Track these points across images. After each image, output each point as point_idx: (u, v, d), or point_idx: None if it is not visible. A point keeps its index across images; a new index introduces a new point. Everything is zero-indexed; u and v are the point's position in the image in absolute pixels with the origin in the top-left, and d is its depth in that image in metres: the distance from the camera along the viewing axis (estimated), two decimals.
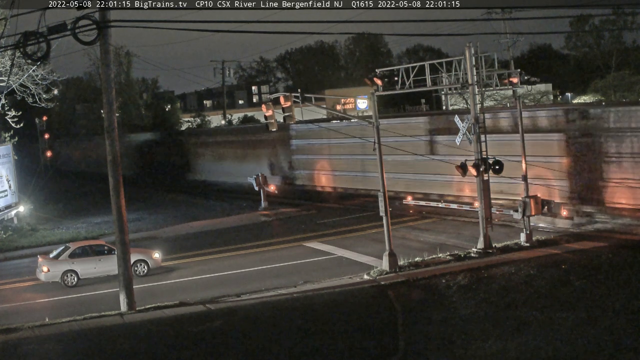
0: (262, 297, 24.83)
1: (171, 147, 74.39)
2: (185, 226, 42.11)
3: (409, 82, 30.00)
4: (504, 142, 33.33)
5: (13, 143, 45.04)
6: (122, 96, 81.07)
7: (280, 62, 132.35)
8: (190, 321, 22.51)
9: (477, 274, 25.71)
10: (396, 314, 22.56)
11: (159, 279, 29.33)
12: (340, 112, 58.05)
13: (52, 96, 43.48)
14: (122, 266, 24.36)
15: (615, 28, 73.00)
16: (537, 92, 64.06)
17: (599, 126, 32.67)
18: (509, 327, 20.33)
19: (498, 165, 28.75)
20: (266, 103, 28.37)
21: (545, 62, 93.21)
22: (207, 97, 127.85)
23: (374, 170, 32.50)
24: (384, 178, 27.86)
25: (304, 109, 30.39)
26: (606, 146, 32.19)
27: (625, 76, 65.05)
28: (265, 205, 44.82)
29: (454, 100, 63.21)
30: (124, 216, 24.36)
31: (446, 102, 63.99)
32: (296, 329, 21.67)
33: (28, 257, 35.07)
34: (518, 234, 29.99)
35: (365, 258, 29.85)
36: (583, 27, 73.98)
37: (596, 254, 26.99)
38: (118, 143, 24.33)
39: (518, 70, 30.48)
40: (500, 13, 62.81)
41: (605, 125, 32.45)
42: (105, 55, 23.89)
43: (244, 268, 30.03)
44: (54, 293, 28.09)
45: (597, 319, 20.28)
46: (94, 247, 30.00)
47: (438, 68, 30.58)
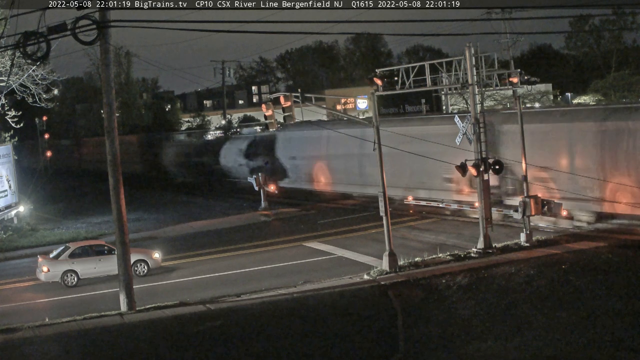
0: (262, 297, 24.82)
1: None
2: (185, 226, 42.10)
3: (409, 82, 30.02)
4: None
5: (13, 143, 45.04)
6: (122, 96, 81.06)
7: (280, 62, 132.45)
8: (190, 321, 22.50)
9: (477, 274, 25.70)
10: (396, 314, 22.57)
11: (159, 279, 29.33)
12: (340, 112, 58.05)
13: (52, 96, 43.46)
14: (122, 266, 24.36)
15: (615, 28, 73.06)
16: (537, 92, 64.10)
17: None
18: (509, 327, 20.35)
19: (498, 165, 28.75)
20: (266, 103, 28.37)
21: (545, 62, 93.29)
22: (207, 97, 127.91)
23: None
24: (383, 178, 27.86)
25: (304, 109, 30.37)
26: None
27: (625, 76, 65.12)
28: (265, 205, 44.81)
29: (454, 100, 63.17)
30: (124, 216, 24.36)
31: (446, 102, 63.88)
32: (296, 328, 21.68)
33: (28, 257, 35.04)
34: (518, 234, 29.99)
35: (365, 258, 29.85)
36: (583, 27, 74.09)
37: (596, 254, 26.99)
38: (118, 143, 24.33)
39: (518, 70, 30.47)
40: (500, 13, 62.77)
41: None
42: (105, 55, 23.89)
43: (244, 268, 30.03)
44: (54, 293, 28.09)
45: (597, 319, 20.29)
46: (94, 247, 30.00)
47: (438, 68, 30.59)
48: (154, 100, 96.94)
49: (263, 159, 52.59)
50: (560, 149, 31.41)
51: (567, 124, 31.65)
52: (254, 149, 54.76)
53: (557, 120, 32.44)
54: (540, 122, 32.90)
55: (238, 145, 57.30)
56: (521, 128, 29.89)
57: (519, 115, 30.03)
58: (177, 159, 67.93)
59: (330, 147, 45.38)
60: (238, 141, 59.12)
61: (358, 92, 77.83)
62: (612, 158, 29.32)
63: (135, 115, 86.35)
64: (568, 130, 31.35)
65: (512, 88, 30.59)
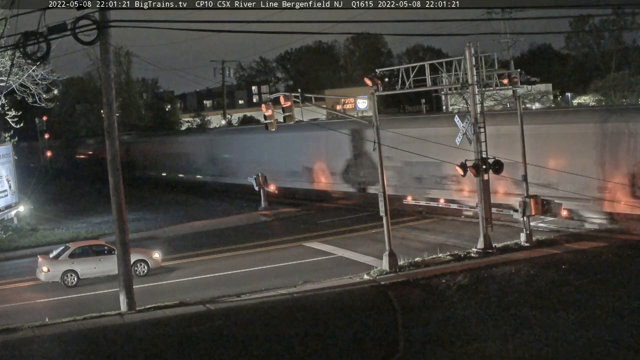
0: (262, 297, 24.82)
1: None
2: (185, 226, 42.11)
3: (409, 82, 29.97)
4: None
5: (13, 143, 45.04)
6: (122, 96, 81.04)
7: (280, 62, 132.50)
8: (190, 321, 22.50)
9: (477, 274, 25.70)
10: (396, 314, 22.56)
11: (159, 279, 29.33)
12: (340, 112, 58.04)
13: (52, 96, 43.41)
14: (122, 266, 24.36)
15: (615, 28, 73.06)
16: (537, 92, 64.12)
17: None
18: (509, 327, 20.33)
19: (498, 165, 28.73)
20: (266, 103, 28.37)
21: (545, 62, 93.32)
22: (207, 97, 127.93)
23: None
24: (384, 178, 27.88)
25: (304, 109, 30.34)
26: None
27: (625, 76, 65.13)
28: (265, 205, 44.81)
29: (454, 100, 63.21)
30: (124, 216, 24.36)
31: (446, 102, 63.97)
32: (296, 328, 21.67)
33: (28, 257, 35.03)
34: (518, 234, 29.99)
35: (365, 258, 29.85)
36: (583, 27, 74.08)
37: (596, 254, 26.99)
38: (118, 143, 24.33)
39: (518, 70, 30.44)
40: (500, 13, 62.86)
41: None
42: (105, 55, 23.89)
43: (244, 268, 30.03)
44: (54, 293, 28.09)
45: (597, 319, 20.29)
46: (94, 247, 30.00)
47: (438, 68, 30.53)
48: (154, 100, 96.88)
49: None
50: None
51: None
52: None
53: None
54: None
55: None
56: (521, 128, 29.89)
57: (519, 116, 30.05)
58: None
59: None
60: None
61: (358, 92, 77.72)
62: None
63: (135, 115, 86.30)
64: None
65: (512, 88, 30.53)
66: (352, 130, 40.96)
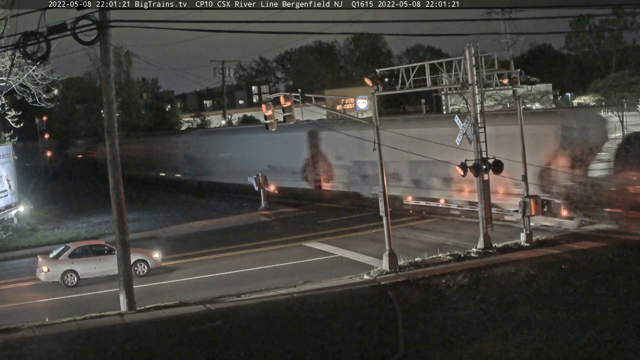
0: (262, 297, 24.83)
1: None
2: (185, 226, 42.10)
3: (409, 82, 29.96)
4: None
5: (13, 143, 45.02)
6: (122, 96, 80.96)
7: (280, 62, 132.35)
8: (190, 321, 22.51)
9: (477, 274, 25.71)
10: (396, 314, 22.57)
11: (159, 279, 29.33)
12: (340, 112, 58.05)
13: (52, 96, 43.37)
14: (122, 266, 24.36)
15: (615, 28, 72.99)
16: (537, 92, 64.06)
17: None
18: (509, 327, 20.35)
19: (498, 166, 28.73)
20: (266, 103, 28.37)
21: (545, 62, 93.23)
22: (207, 97, 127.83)
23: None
24: (384, 178, 27.87)
25: (304, 109, 30.33)
26: None
27: (625, 76, 65.03)
28: (265, 205, 44.82)
29: (454, 100, 63.15)
30: (124, 216, 24.36)
31: (446, 102, 63.92)
32: (296, 328, 21.68)
33: (28, 257, 35.03)
34: (518, 234, 29.99)
35: (365, 258, 29.85)
36: (583, 27, 74.00)
37: (596, 254, 26.99)
38: (118, 143, 24.33)
39: (518, 70, 30.43)
40: (500, 13, 62.79)
41: None
42: (105, 55, 23.89)
43: (244, 268, 30.03)
44: (54, 293, 28.09)
45: (597, 319, 20.30)
46: (94, 247, 30.00)
47: (438, 68, 30.52)
48: (154, 100, 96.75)
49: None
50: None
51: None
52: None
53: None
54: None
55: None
56: (521, 128, 29.89)
57: (519, 116, 30.05)
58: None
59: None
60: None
61: (358, 92, 77.70)
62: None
63: (135, 115, 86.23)
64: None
65: (512, 88, 30.53)
66: (309, 131, 44.77)
